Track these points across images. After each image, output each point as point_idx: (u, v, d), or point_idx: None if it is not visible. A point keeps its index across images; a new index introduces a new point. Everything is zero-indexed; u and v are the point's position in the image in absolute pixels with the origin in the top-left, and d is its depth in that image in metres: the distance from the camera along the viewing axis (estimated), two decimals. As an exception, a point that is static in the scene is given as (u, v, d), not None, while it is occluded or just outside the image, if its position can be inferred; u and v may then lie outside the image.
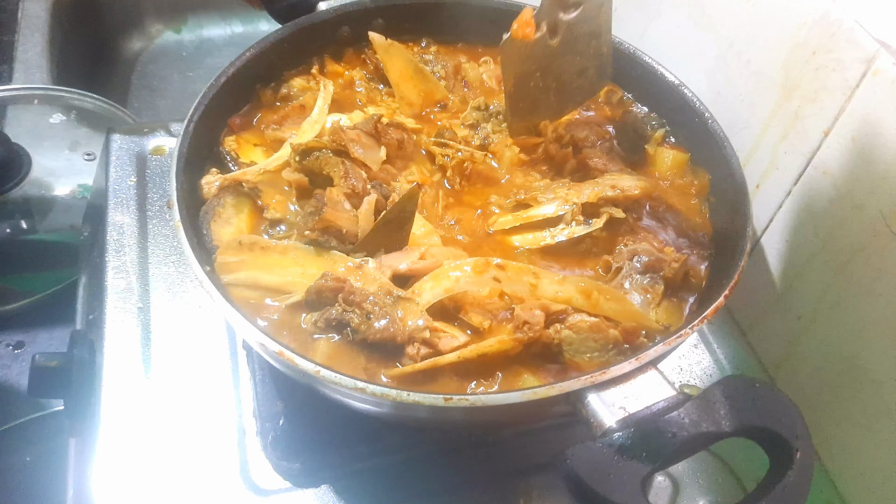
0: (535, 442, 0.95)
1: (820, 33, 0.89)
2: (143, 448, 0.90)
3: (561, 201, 0.92)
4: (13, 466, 1.47)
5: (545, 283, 0.82)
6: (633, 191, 0.94)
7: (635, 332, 0.80)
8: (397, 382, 0.76)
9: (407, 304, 0.79)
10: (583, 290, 0.82)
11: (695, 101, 1.01)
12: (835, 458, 0.98)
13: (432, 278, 0.81)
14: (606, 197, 0.92)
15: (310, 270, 0.83)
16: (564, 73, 1.01)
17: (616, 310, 0.82)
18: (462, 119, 1.07)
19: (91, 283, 1.17)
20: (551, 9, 0.94)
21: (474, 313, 0.81)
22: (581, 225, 0.91)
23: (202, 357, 1.00)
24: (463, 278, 0.81)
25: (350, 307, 0.78)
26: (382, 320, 0.77)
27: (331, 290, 0.79)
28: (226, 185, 0.92)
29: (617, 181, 0.94)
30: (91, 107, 1.68)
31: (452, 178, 0.98)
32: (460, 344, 0.78)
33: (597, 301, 0.81)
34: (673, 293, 0.87)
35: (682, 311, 0.87)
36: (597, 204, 0.92)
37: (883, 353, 0.88)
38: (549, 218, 0.92)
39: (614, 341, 0.79)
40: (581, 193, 0.92)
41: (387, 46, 1.08)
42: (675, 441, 0.60)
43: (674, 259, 0.87)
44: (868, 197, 0.86)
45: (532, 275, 0.82)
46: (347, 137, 0.93)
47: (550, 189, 0.95)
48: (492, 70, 1.14)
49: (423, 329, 0.77)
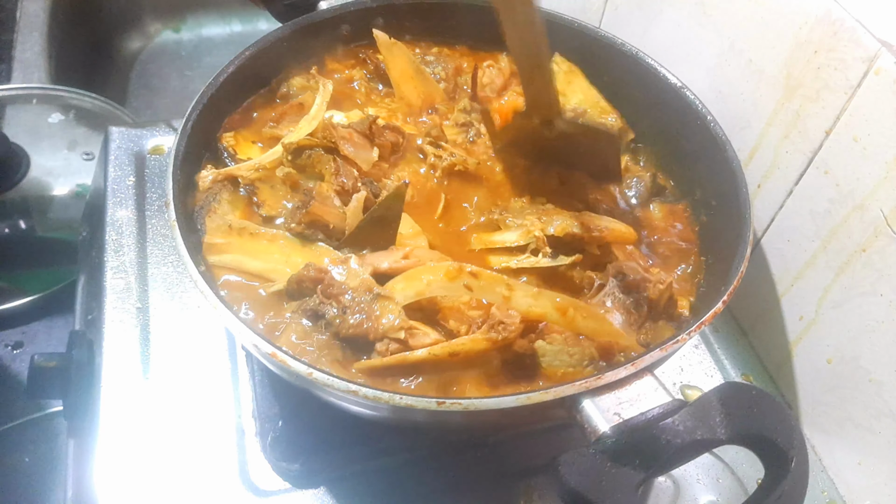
0: (535, 443, 0.94)
1: (822, 32, 0.89)
2: (142, 448, 0.90)
3: (524, 231, 0.89)
4: (13, 466, 1.47)
5: (519, 295, 0.78)
6: (601, 232, 0.89)
7: (612, 350, 0.78)
8: (364, 376, 0.75)
9: (385, 302, 0.78)
10: (559, 305, 0.78)
11: (697, 103, 1.00)
12: (835, 459, 0.98)
13: (404, 279, 0.80)
14: (573, 233, 0.88)
15: (294, 260, 0.84)
16: (562, 158, 0.97)
17: (593, 329, 0.78)
18: (453, 119, 1.06)
19: (90, 283, 1.17)
20: (542, 115, 0.91)
21: (453, 319, 0.80)
22: (546, 257, 0.87)
23: (201, 357, 1.00)
24: (435, 282, 0.79)
25: (328, 300, 0.78)
26: (357, 315, 0.76)
27: (311, 281, 0.79)
28: (220, 179, 0.92)
29: (589, 220, 0.90)
30: (90, 106, 1.68)
31: (441, 179, 0.97)
32: (431, 341, 0.76)
33: (573, 318, 0.78)
34: (657, 315, 0.84)
35: (666, 332, 0.83)
36: (566, 238, 0.88)
37: (884, 354, 0.87)
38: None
39: (590, 357, 0.77)
40: (549, 226, 0.88)
41: (390, 45, 1.08)
42: (670, 448, 0.60)
43: (659, 280, 0.84)
44: (869, 197, 0.86)
45: (506, 286, 0.79)
46: (338, 135, 0.93)
47: (522, 214, 0.92)
48: (494, 74, 1.13)
49: (398, 328, 0.76)
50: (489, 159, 1.02)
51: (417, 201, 0.94)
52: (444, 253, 0.88)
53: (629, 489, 0.59)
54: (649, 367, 0.68)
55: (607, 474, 0.59)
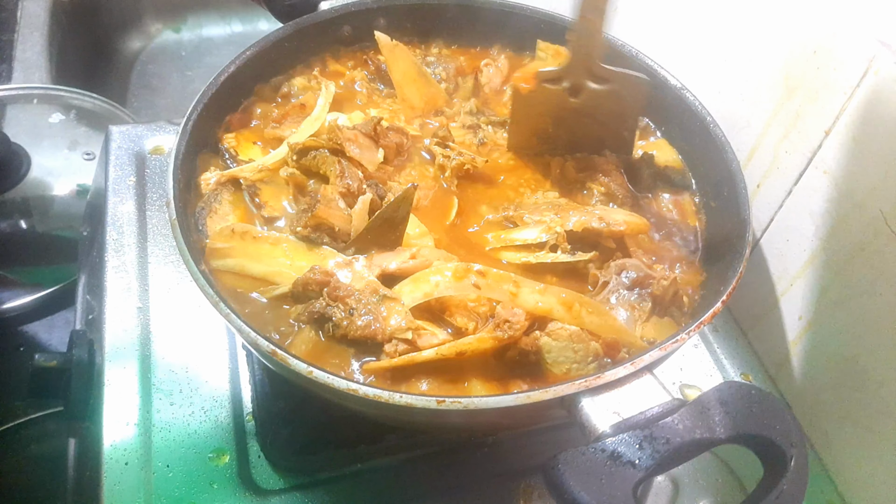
0: (535, 443, 0.94)
1: (821, 32, 0.89)
2: (142, 448, 0.90)
3: (545, 227, 0.89)
4: (13, 466, 1.47)
5: (525, 291, 0.79)
6: (619, 226, 0.89)
7: (616, 346, 0.78)
8: (372, 377, 0.76)
9: (391, 304, 0.78)
10: (564, 301, 0.79)
11: (696, 104, 1.00)
12: (835, 458, 0.98)
13: (412, 281, 0.81)
14: (591, 228, 0.89)
15: (298, 263, 0.84)
16: (579, 132, 0.98)
17: (598, 324, 0.79)
18: (460, 122, 1.06)
19: (91, 283, 1.17)
20: (577, 72, 0.92)
21: (460, 315, 0.81)
22: (566, 253, 0.88)
23: (202, 357, 1.00)
24: (443, 283, 0.80)
25: (334, 302, 0.78)
26: (365, 317, 0.77)
27: (317, 284, 0.79)
28: (223, 181, 0.92)
29: (606, 214, 0.91)
30: (90, 106, 1.68)
31: (450, 179, 0.98)
32: (439, 342, 0.77)
33: (578, 313, 0.79)
34: (662, 311, 0.85)
35: (670, 329, 0.84)
36: (583, 233, 0.88)
37: (883, 353, 0.88)
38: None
39: (594, 353, 0.77)
40: (567, 221, 0.89)
41: (392, 47, 1.08)
42: (669, 447, 0.60)
43: (663, 277, 0.85)
44: (868, 196, 0.86)
45: (512, 283, 0.80)
46: (344, 136, 0.93)
47: (538, 210, 0.93)
48: (491, 74, 1.14)
49: (405, 329, 0.77)
50: (501, 156, 1.02)
51: (426, 203, 0.94)
52: (453, 252, 0.88)
53: (628, 488, 0.59)
54: (649, 366, 0.68)
55: (606, 473, 0.59)
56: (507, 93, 1.13)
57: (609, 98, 0.94)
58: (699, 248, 0.95)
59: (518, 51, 1.18)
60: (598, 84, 0.94)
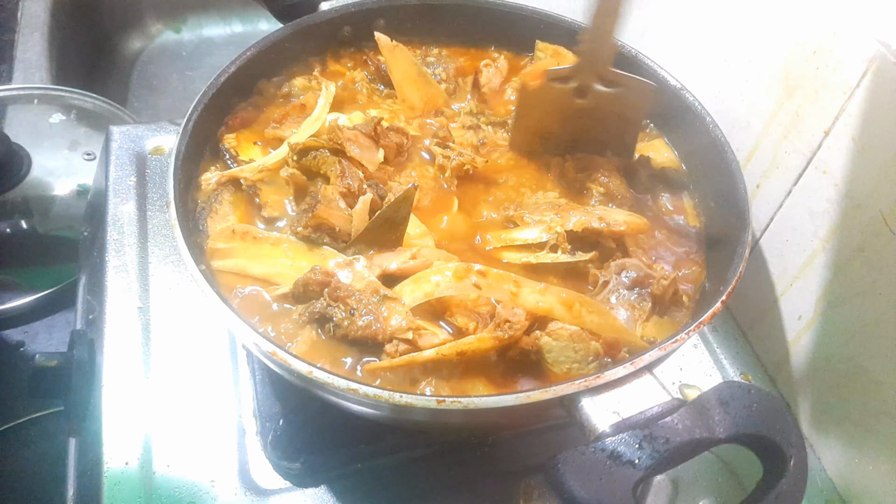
0: (535, 443, 0.94)
1: (820, 32, 0.89)
2: (142, 448, 0.90)
3: (545, 227, 0.90)
4: (13, 466, 1.47)
5: (526, 291, 0.79)
6: (619, 226, 0.89)
7: (617, 346, 0.78)
8: (372, 377, 0.76)
9: (392, 304, 0.79)
10: (565, 300, 0.79)
11: (696, 105, 1.00)
12: (835, 458, 0.98)
13: (413, 281, 0.81)
14: (591, 228, 0.89)
15: (299, 263, 0.84)
16: (581, 133, 0.99)
17: (599, 323, 0.79)
18: (460, 123, 1.07)
19: (91, 283, 1.17)
20: (586, 74, 0.93)
21: (460, 315, 0.81)
22: (566, 254, 0.88)
23: (202, 357, 1.00)
24: (443, 283, 0.80)
25: (335, 302, 0.78)
26: (366, 317, 0.77)
27: (318, 284, 0.79)
28: (223, 181, 0.92)
29: (606, 214, 0.91)
30: (91, 106, 1.69)
31: (450, 180, 0.98)
32: (439, 341, 0.77)
33: (579, 313, 0.79)
34: (662, 311, 0.85)
35: (670, 328, 0.84)
36: (583, 233, 0.89)
37: (883, 353, 0.88)
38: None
39: (595, 353, 0.78)
40: (567, 221, 0.90)
41: (392, 48, 1.08)
42: (668, 447, 0.60)
43: (662, 276, 0.85)
44: (868, 197, 0.86)
45: (513, 283, 0.80)
46: (345, 136, 0.93)
47: (538, 210, 0.93)
48: (491, 74, 1.14)
49: (406, 329, 0.77)
50: (501, 156, 1.03)
51: (426, 203, 0.95)
52: (453, 252, 0.88)
53: (627, 488, 0.59)
54: (648, 366, 0.68)
55: (606, 473, 0.59)
56: (507, 93, 1.13)
57: (615, 101, 0.95)
58: (699, 248, 0.95)
59: (518, 51, 1.19)
60: (605, 87, 0.95)
